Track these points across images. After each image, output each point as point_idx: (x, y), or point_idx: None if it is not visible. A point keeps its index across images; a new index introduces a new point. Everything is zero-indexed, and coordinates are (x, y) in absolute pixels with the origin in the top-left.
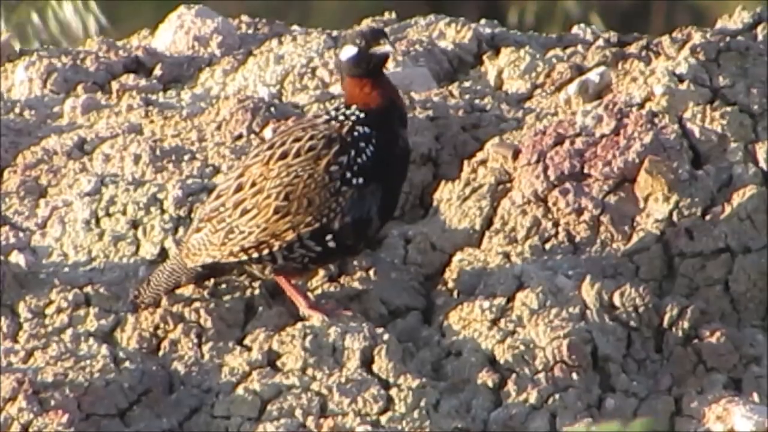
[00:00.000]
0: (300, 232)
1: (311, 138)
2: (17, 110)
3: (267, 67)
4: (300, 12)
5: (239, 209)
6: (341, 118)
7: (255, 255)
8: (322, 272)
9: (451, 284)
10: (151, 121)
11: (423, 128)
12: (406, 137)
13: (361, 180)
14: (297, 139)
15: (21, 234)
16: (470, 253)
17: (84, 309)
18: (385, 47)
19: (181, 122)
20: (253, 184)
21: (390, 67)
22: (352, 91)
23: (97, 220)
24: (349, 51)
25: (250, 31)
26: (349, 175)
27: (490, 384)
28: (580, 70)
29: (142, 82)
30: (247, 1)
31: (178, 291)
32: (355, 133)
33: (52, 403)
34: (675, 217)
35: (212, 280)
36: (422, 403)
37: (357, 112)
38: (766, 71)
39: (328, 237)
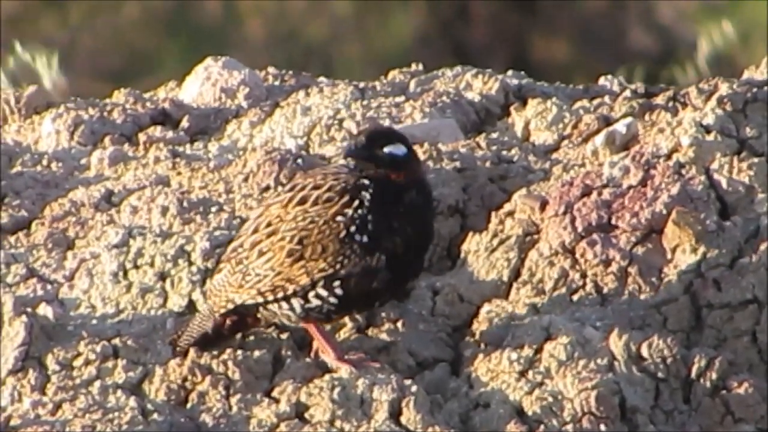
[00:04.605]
0: (314, 278)
1: (330, 189)
2: (44, 162)
3: (294, 119)
4: (324, 64)
5: (255, 250)
6: (357, 172)
7: (270, 297)
8: (350, 324)
9: (478, 336)
10: (179, 173)
11: (450, 179)
12: (422, 206)
13: (365, 238)
14: (317, 187)
15: (49, 286)
16: (498, 305)
17: (112, 361)
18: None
19: (209, 174)
20: (269, 224)
21: (417, 118)
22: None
23: (125, 272)
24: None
25: (276, 83)
26: (353, 229)
27: None
28: (607, 121)
29: (169, 133)
30: (272, 53)
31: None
32: (362, 190)
33: None
34: (702, 268)
35: (240, 334)
36: None
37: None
38: None
39: (336, 284)
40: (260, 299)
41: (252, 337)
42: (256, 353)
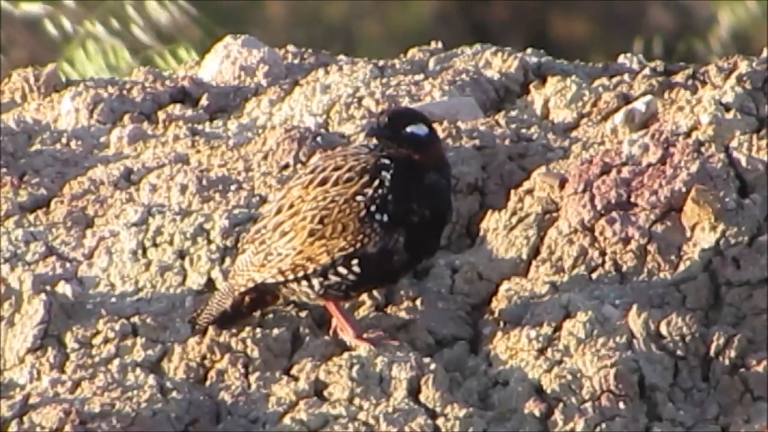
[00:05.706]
0: (334, 256)
1: (350, 169)
2: (64, 140)
3: (313, 97)
4: (345, 42)
5: (278, 231)
6: (377, 152)
7: (291, 276)
8: (369, 302)
9: (497, 314)
10: (198, 151)
11: (469, 158)
12: (442, 185)
13: (385, 217)
14: (337, 168)
15: (68, 264)
16: (517, 283)
17: (131, 339)
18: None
19: (228, 152)
20: (291, 206)
21: (436, 96)
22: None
23: (144, 251)
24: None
25: (296, 61)
26: (373, 208)
27: (537, 413)
28: (626, 99)
29: (189, 112)
30: (292, 32)
31: None
32: (383, 170)
33: None
34: (722, 246)
35: (259, 311)
36: None
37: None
38: None
39: (354, 261)
40: (281, 278)
41: (271, 315)
42: (275, 331)
